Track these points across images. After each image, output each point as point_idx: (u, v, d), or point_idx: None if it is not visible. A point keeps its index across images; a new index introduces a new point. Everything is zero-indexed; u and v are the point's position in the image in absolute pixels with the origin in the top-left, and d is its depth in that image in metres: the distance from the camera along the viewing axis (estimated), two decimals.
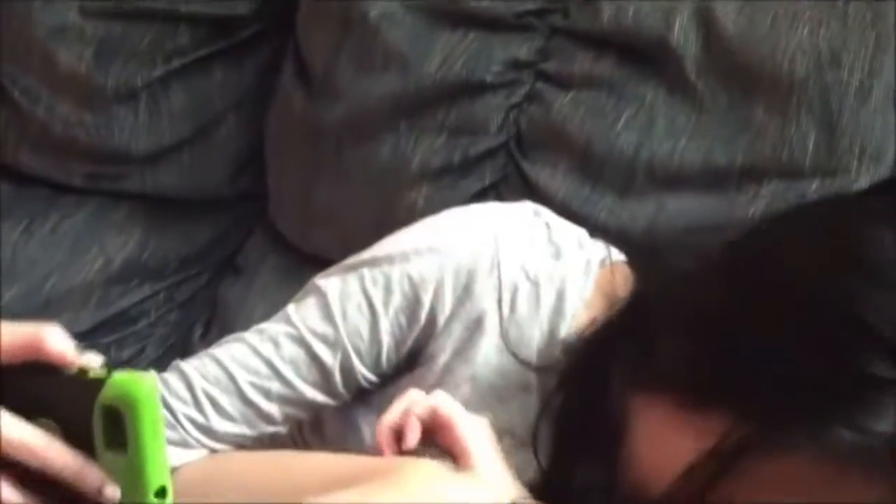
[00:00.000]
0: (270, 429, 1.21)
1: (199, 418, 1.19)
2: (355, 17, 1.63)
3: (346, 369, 1.19)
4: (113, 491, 0.91)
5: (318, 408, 1.22)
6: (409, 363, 1.21)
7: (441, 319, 1.18)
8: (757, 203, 1.43)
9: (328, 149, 1.66)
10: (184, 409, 1.19)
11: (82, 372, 0.92)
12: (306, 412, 1.22)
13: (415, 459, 1.04)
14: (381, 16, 1.61)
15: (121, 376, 0.89)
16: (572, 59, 1.56)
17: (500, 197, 1.56)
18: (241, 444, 1.21)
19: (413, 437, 1.07)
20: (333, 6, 1.67)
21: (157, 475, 0.90)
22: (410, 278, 1.18)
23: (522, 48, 1.58)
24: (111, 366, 0.92)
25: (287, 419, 1.21)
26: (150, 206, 1.85)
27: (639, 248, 1.32)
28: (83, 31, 1.80)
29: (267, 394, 1.19)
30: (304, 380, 1.19)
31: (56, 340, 0.92)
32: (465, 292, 1.17)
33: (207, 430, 1.19)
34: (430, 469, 1.01)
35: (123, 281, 1.81)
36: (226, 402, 1.19)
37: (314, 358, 1.19)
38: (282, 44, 1.78)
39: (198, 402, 1.19)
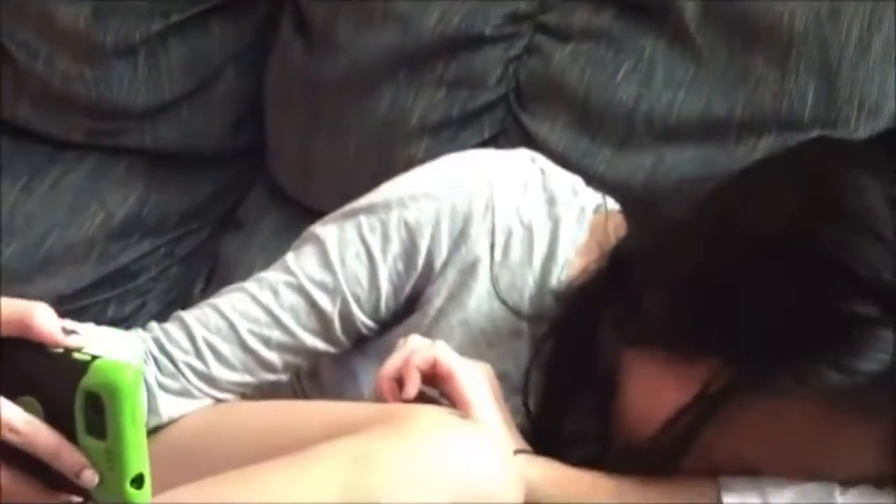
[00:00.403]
0: (271, 376, 1.22)
1: (200, 366, 1.19)
2: None
3: (345, 316, 1.20)
4: (91, 475, 0.91)
5: (317, 355, 1.23)
6: (406, 310, 1.23)
7: (437, 264, 1.19)
8: (756, 155, 1.43)
9: (328, 102, 1.66)
10: (185, 357, 1.19)
11: (67, 353, 0.92)
12: (306, 360, 1.23)
13: (418, 406, 1.04)
14: None
15: (104, 363, 0.89)
16: (571, 12, 1.55)
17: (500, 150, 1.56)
18: (242, 392, 1.22)
19: (413, 388, 1.07)
20: None
21: (135, 463, 0.90)
22: (407, 224, 1.19)
23: (521, 1, 1.58)
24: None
25: (287, 367, 1.22)
26: (150, 162, 1.85)
27: (633, 198, 1.33)
28: None
29: (267, 342, 1.20)
30: (304, 327, 1.20)
31: (45, 319, 0.93)
32: (461, 236, 1.19)
33: (209, 379, 1.20)
34: (433, 417, 1.01)
35: (124, 236, 1.81)
36: (226, 350, 1.20)
37: (313, 305, 1.20)
38: None
39: (199, 351, 1.20)
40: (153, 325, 1.23)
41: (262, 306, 1.20)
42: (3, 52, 1.84)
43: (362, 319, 1.21)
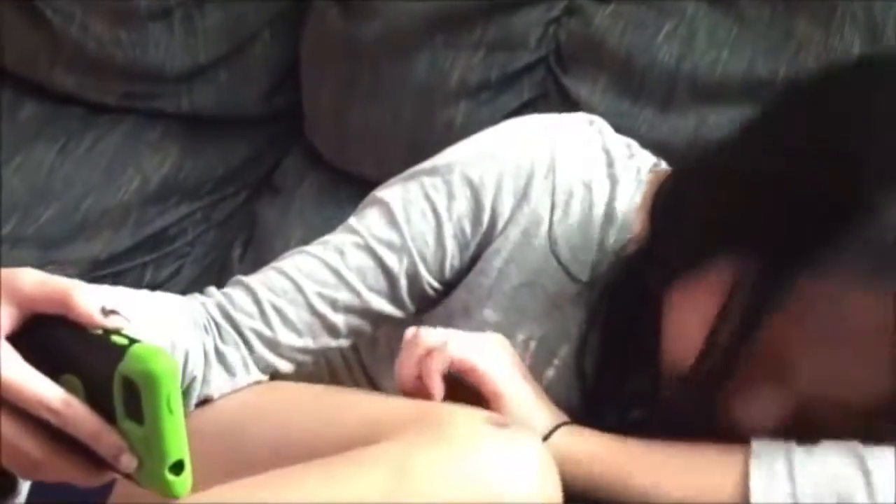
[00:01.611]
0: (333, 342, 1.20)
1: (267, 332, 1.17)
2: None
3: (412, 276, 1.18)
4: (128, 460, 0.90)
5: (382, 319, 1.21)
6: (470, 270, 1.20)
7: (500, 222, 1.18)
8: None
9: (364, 66, 1.65)
10: (250, 322, 1.17)
11: (106, 335, 0.90)
12: (370, 325, 1.21)
13: (456, 410, 1.03)
14: None
15: (140, 348, 0.88)
16: None
17: (540, 112, 1.54)
18: (303, 360, 1.20)
19: (438, 394, 1.07)
20: None
21: (173, 450, 0.89)
22: (471, 182, 1.17)
23: None
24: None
25: (351, 331, 1.20)
26: (185, 126, 1.84)
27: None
28: None
29: (334, 304, 1.18)
30: (371, 288, 1.18)
31: (84, 299, 0.91)
32: (523, 195, 1.17)
33: (273, 344, 1.17)
34: (473, 426, 1.00)
35: (160, 200, 1.80)
36: (293, 313, 1.18)
37: (380, 265, 1.18)
38: None
39: (265, 315, 1.17)
40: (213, 290, 1.21)
41: (329, 267, 1.18)
42: (38, 17, 1.83)
43: (428, 279, 1.19)
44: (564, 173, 1.17)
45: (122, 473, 0.91)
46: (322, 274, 1.18)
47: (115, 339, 0.90)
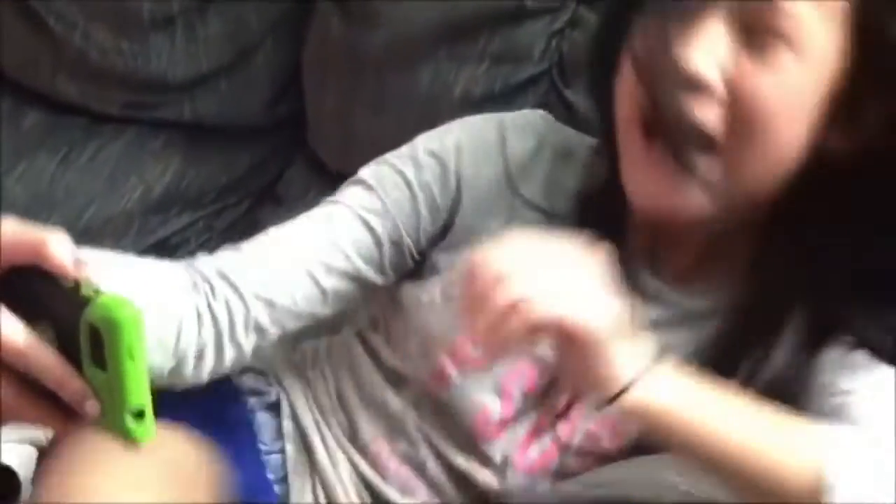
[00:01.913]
0: (320, 308, 1.23)
1: (263, 292, 1.20)
2: None
3: (396, 240, 1.23)
4: (92, 406, 0.92)
5: (366, 286, 1.24)
6: (442, 235, 1.25)
7: (464, 185, 1.23)
8: None
9: (368, 76, 1.65)
10: (247, 284, 1.21)
11: (76, 286, 0.92)
12: (355, 291, 1.24)
13: None
14: None
15: (106, 297, 0.90)
16: None
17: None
18: (291, 326, 1.23)
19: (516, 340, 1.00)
20: None
21: (135, 397, 0.91)
22: (433, 152, 1.25)
23: None
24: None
25: (337, 298, 1.23)
26: (188, 134, 1.84)
27: None
28: None
29: (327, 268, 1.22)
30: (359, 253, 1.23)
31: (58, 249, 0.92)
32: (483, 157, 1.24)
33: (270, 305, 1.21)
34: None
35: (163, 209, 1.80)
36: (287, 276, 1.21)
37: (368, 228, 1.23)
38: None
39: (262, 276, 1.21)
40: (204, 256, 1.24)
41: (319, 233, 1.23)
42: (40, 25, 1.84)
43: (409, 244, 1.24)
44: (515, 136, 1.25)
45: (87, 422, 0.93)
46: (315, 239, 1.23)
47: (84, 288, 0.91)
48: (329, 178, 1.73)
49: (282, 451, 1.30)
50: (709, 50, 1.05)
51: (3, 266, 0.93)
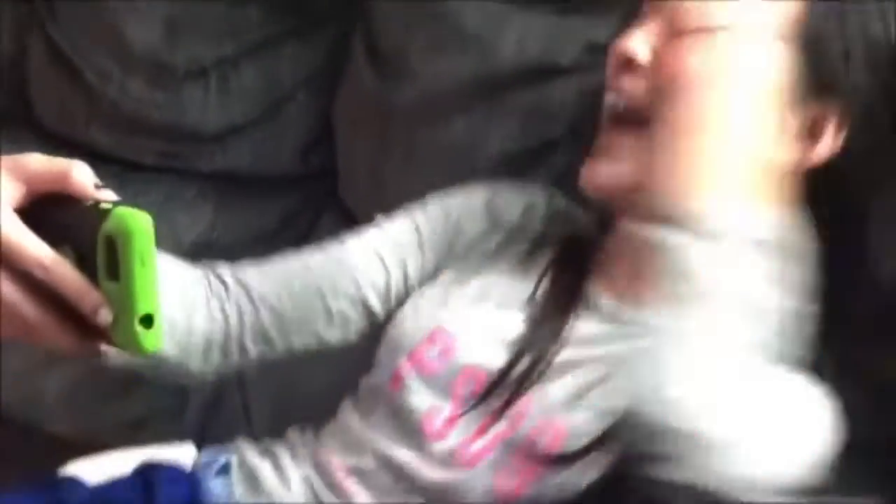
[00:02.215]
0: (324, 330, 1.31)
1: (274, 301, 1.30)
2: None
3: (401, 275, 1.33)
4: (105, 314, 0.99)
5: (368, 316, 1.32)
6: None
7: (464, 239, 1.35)
8: None
9: (399, 130, 1.66)
10: (261, 289, 1.30)
11: (95, 204, 1.01)
12: (358, 319, 1.32)
13: None
14: None
15: (121, 210, 0.99)
16: None
17: (575, 182, 1.56)
18: (296, 345, 1.31)
19: None
20: None
21: (144, 303, 0.98)
22: (442, 202, 1.39)
23: (599, 31, 1.56)
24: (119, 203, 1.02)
25: (342, 321, 1.31)
26: (220, 185, 1.86)
27: None
28: (153, 9, 1.81)
29: (334, 290, 1.31)
30: (369, 280, 1.32)
31: (80, 175, 1.03)
32: (491, 215, 1.37)
33: (279, 318, 1.29)
34: None
35: (194, 260, 1.80)
36: (299, 289, 1.31)
37: (378, 259, 1.33)
38: (351, 21, 1.78)
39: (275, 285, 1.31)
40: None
41: (331, 257, 1.32)
42: (76, 76, 1.86)
43: (412, 281, 1.33)
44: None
45: (103, 339, 1.02)
46: (327, 263, 1.32)
47: (103, 206, 1.01)
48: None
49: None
50: (643, 37, 1.22)
51: (31, 194, 1.03)
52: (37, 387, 1.75)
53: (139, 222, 0.97)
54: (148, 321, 0.98)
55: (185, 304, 1.25)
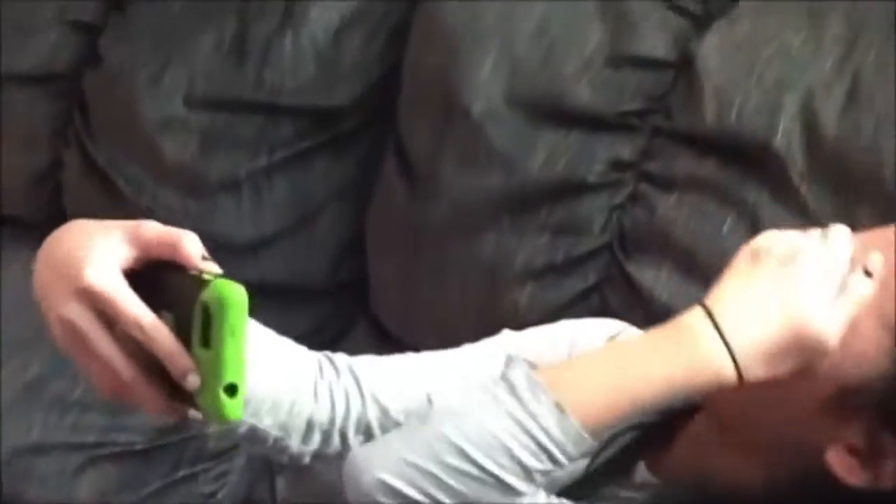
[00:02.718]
0: None
1: (382, 398, 1.25)
2: (458, 113, 1.66)
3: None
4: (194, 379, 1.01)
5: None
6: None
7: None
8: None
9: (430, 244, 1.69)
10: (370, 382, 1.26)
11: (199, 273, 1.05)
12: None
13: None
14: (484, 112, 1.64)
15: (222, 281, 1.02)
16: (674, 160, 1.58)
17: (604, 298, 1.58)
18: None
19: None
20: (435, 99, 1.70)
21: (230, 373, 1.00)
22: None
23: (625, 148, 1.60)
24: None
25: None
26: (250, 295, 1.86)
27: None
28: (188, 121, 1.84)
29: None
30: None
31: (190, 245, 1.06)
32: None
33: (385, 413, 1.25)
34: None
35: None
36: (407, 391, 1.27)
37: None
38: (383, 135, 1.81)
39: (383, 382, 1.27)
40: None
41: (442, 360, 1.31)
42: (110, 185, 1.88)
43: None
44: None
45: (188, 403, 1.04)
46: (438, 369, 1.30)
47: (205, 276, 1.04)
48: (390, 341, 1.76)
49: None
50: None
51: (142, 259, 1.07)
52: (69, 493, 1.77)
53: (234, 294, 1.01)
54: (232, 390, 1.00)
55: (292, 384, 1.24)
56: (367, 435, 1.26)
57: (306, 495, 1.68)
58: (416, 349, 1.67)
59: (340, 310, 1.87)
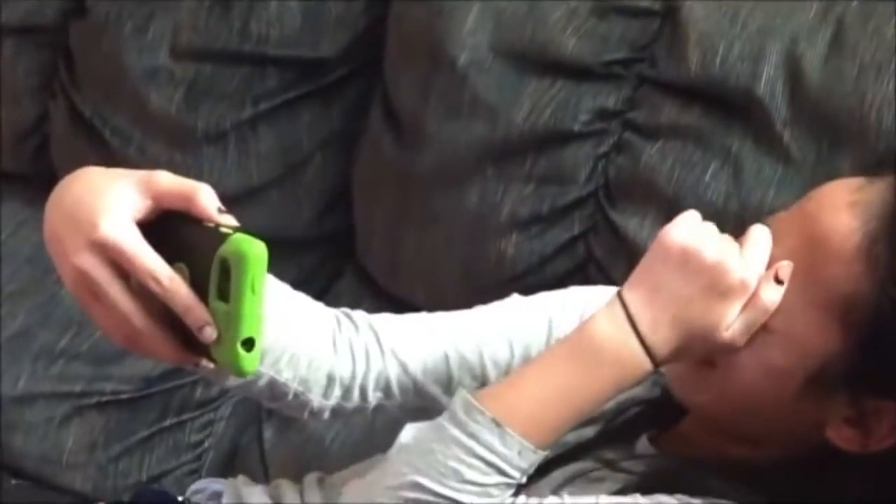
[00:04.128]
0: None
1: (402, 354, 1.28)
2: (444, 63, 1.66)
3: (524, 357, 1.29)
4: (210, 332, 1.03)
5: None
6: None
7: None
8: None
9: (416, 194, 1.69)
10: (390, 339, 1.29)
11: (216, 227, 1.04)
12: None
13: None
14: (469, 62, 1.64)
15: (240, 236, 1.02)
16: (659, 109, 1.58)
17: (589, 246, 1.59)
18: (406, 405, 1.30)
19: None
20: (421, 49, 1.70)
21: (248, 327, 1.01)
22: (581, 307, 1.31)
23: (610, 97, 1.60)
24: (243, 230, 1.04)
25: None
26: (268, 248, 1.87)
27: None
28: (173, 73, 1.84)
29: (462, 362, 1.29)
30: (493, 362, 1.29)
31: (206, 197, 1.06)
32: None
33: (405, 369, 1.28)
34: None
35: None
36: (427, 350, 1.29)
37: (507, 337, 1.30)
38: (369, 86, 1.81)
39: (403, 336, 1.30)
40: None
41: (460, 324, 1.31)
42: (96, 138, 1.88)
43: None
44: None
45: (204, 355, 1.05)
46: (455, 332, 1.30)
47: (223, 229, 1.04)
48: (377, 291, 1.77)
49: None
50: None
51: (156, 210, 1.07)
52: (55, 442, 1.78)
53: (255, 249, 1.00)
54: (249, 344, 1.01)
55: (311, 337, 1.26)
56: (387, 391, 1.27)
57: (292, 444, 1.70)
58: (402, 299, 1.69)
59: (327, 260, 1.87)
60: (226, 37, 1.82)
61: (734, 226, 1.45)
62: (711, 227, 1.14)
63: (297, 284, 1.83)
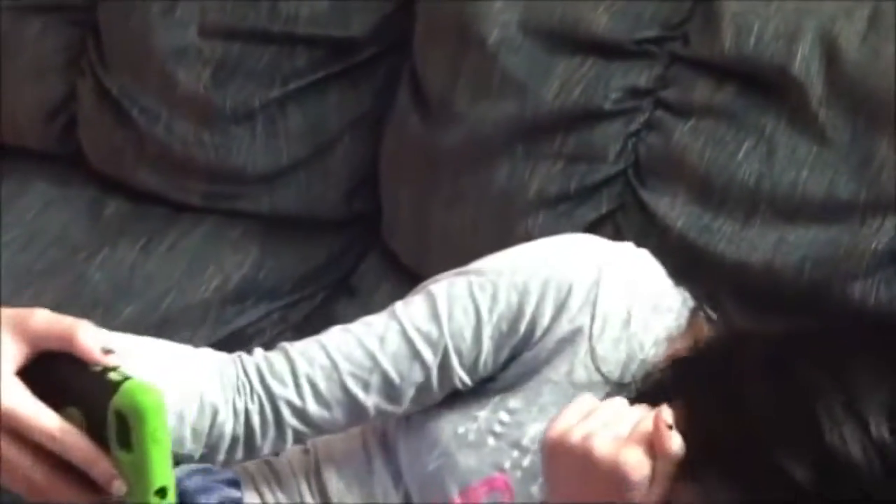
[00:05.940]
0: (361, 421, 1.27)
1: (297, 402, 1.24)
2: (473, 42, 1.64)
3: (445, 369, 1.24)
4: (119, 485, 0.99)
5: (410, 403, 1.26)
6: (503, 369, 1.25)
7: (538, 332, 1.23)
8: (880, 237, 1.42)
9: (444, 173, 1.67)
10: (284, 392, 1.23)
11: (105, 371, 1.00)
12: (399, 408, 1.26)
13: None
14: (499, 41, 1.61)
15: (132, 384, 0.97)
16: (692, 88, 1.55)
17: (618, 225, 1.56)
18: (329, 430, 1.27)
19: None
20: (450, 29, 1.68)
21: (158, 477, 0.98)
22: (516, 288, 1.23)
23: (642, 76, 1.57)
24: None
25: (379, 413, 1.26)
26: (266, 226, 1.87)
27: (751, 283, 1.44)
28: (201, 51, 1.83)
29: (366, 386, 1.24)
30: (403, 376, 1.24)
31: (86, 337, 1.01)
32: (564, 307, 1.22)
33: (302, 415, 1.24)
34: None
35: (239, 300, 1.82)
36: (325, 388, 1.24)
37: (416, 356, 1.24)
38: (398, 66, 1.79)
39: (299, 387, 1.24)
40: (258, 352, 1.27)
41: (366, 351, 1.24)
42: (124, 117, 1.88)
43: (460, 374, 1.24)
44: (607, 292, 1.22)
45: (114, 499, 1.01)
46: (359, 356, 1.25)
47: (112, 375, 0.99)
48: (403, 271, 1.76)
49: None
50: None
51: (35, 352, 1.02)
52: None
53: (150, 399, 0.96)
54: (162, 493, 0.98)
55: (208, 407, 1.21)
56: (295, 435, 1.25)
57: None
58: (428, 279, 1.67)
59: (354, 241, 1.87)
60: (254, 16, 1.81)
61: (767, 205, 1.47)
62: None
63: (325, 265, 1.86)
